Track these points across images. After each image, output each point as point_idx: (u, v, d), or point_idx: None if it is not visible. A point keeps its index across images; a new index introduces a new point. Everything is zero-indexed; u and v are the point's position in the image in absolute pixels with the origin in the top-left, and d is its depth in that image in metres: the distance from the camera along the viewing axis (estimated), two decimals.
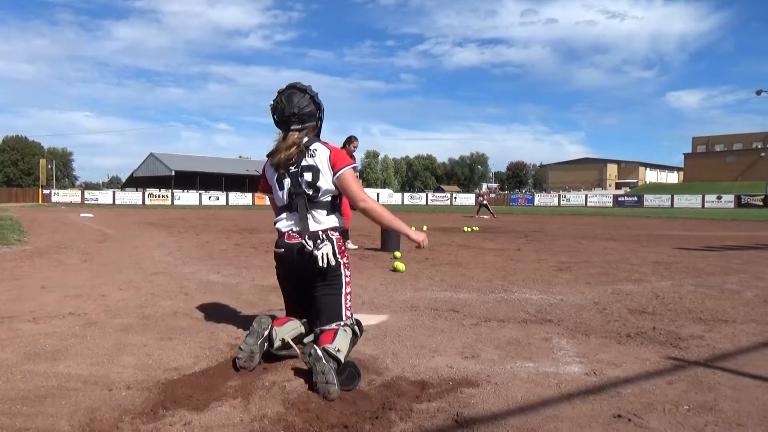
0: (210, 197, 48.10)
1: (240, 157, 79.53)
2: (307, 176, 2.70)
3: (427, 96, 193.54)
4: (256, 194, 49.44)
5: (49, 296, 4.31)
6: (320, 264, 2.61)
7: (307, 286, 2.79)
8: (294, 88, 2.77)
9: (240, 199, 48.64)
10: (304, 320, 2.85)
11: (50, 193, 44.80)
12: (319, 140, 2.81)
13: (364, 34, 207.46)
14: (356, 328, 2.73)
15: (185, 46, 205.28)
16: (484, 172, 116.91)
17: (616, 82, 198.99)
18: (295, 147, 2.71)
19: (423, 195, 56.24)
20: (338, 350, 2.47)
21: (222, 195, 48.97)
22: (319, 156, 2.72)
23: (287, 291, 2.94)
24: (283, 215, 2.81)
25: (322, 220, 2.73)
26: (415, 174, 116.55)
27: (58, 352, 2.82)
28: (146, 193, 47.67)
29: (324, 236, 2.69)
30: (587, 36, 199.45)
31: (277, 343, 2.66)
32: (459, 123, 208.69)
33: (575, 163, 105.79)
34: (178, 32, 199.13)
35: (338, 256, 2.71)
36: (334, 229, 2.76)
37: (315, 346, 2.44)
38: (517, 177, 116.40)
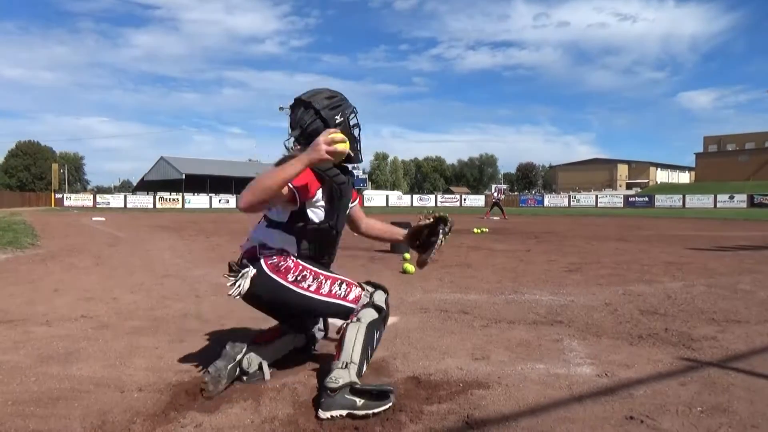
0: (220, 200, 48.35)
1: (250, 160, 79.87)
2: None
3: (438, 98, 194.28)
4: None
5: (61, 299, 4.35)
6: (232, 295, 2.30)
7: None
8: (298, 102, 2.36)
9: None
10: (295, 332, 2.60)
11: (62, 197, 45.40)
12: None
13: (378, 39, 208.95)
14: (370, 308, 2.33)
15: (202, 53, 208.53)
16: (494, 174, 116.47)
17: (627, 83, 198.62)
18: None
19: (432, 197, 56.17)
20: (346, 364, 2.17)
21: (232, 198, 49.19)
22: None
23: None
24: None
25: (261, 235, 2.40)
26: (425, 176, 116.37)
27: (71, 354, 2.84)
28: (157, 197, 48.08)
29: (249, 258, 2.35)
30: (598, 38, 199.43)
31: (252, 369, 2.39)
32: (469, 125, 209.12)
33: (585, 164, 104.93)
34: (195, 39, 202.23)
35: (274, 276, 2.29)
36: (266, 247, 2.35)
37: (323, 393, 2.12)
38: (526, 178, 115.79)
